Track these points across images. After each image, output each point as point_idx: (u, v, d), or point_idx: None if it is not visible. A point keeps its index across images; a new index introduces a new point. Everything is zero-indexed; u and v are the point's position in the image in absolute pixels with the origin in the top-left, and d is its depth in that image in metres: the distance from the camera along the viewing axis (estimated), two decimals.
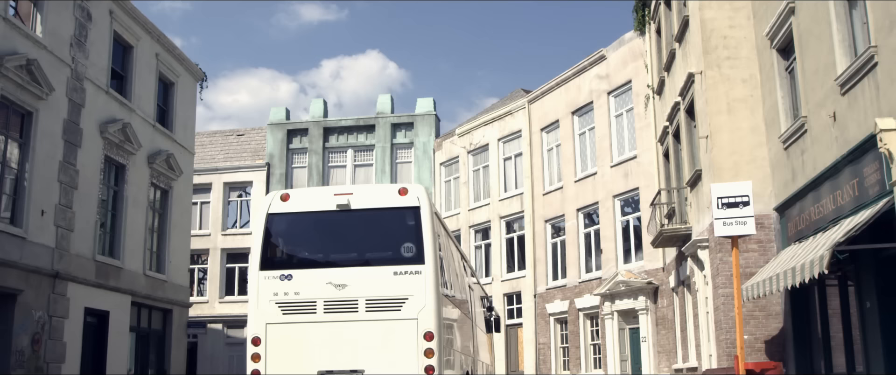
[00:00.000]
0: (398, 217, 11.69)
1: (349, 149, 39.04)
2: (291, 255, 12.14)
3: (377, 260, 11.69)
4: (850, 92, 12.37)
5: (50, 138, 19.38)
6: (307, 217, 11.92)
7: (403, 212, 11.66)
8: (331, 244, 12.06)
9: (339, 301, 11.42)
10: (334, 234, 12.01)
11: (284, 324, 11.39)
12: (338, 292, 11.42)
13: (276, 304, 11.47)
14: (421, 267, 11.41)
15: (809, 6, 13.92)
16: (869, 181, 11.59)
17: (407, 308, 11.30)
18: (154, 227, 24.97)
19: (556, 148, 31.63)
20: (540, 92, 32.50)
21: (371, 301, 11.39)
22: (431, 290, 11.38)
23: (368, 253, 11.91)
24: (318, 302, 11.45)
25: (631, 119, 27.54)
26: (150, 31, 24.74)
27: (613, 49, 28.53)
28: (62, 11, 20.20)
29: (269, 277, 11.55)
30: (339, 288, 11.44)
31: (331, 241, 12.05)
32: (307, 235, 12.13)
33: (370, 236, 11.96)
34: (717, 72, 17.29)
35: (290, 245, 12.19)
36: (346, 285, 11.45)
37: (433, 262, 11.50)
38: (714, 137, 16.94)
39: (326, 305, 11.42)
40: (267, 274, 11.60)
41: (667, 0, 22.02)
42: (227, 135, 41.82)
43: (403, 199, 11.70)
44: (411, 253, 11.52)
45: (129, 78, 23.73)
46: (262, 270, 11.65)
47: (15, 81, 17.99)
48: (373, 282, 11.44)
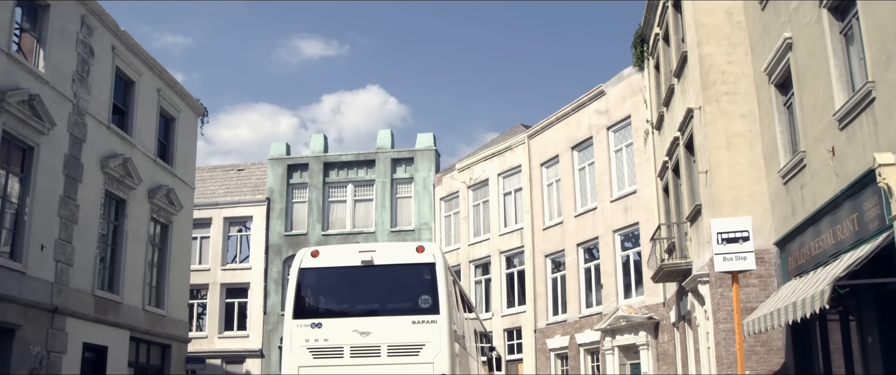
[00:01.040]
0: (416, 272, 13.05)
1: (349, 183, 39.08)
2: (321, 305, 13.46)
3: (397, 311, 12.97)
4: (848, 127, 12.42)
5: (51, 173, 19.42)
6: (335, 271, 13.27)
7: (421, 268, 13.02)
8: (356, 296, 13.39)
9: (364, 346, 12.66)
10: (359, 287, 13.39)
11: (315, 367, 12.63)
12: (362, 339, 12.69)
13: (307, 349, 12.71)
14: (436, 316, 12.71)
15: (807, 42, 14.02)
16: (868, 215, 11.60)
17: (424, 353, 12.55)
18: (154, 262, 24.93)
19: (555, 183, 31.67)
20: (539, 127, 32.62)
21: (392, 347, 12.64)
22: (446, 337, 12.67)
23: (390, 304, 13.22)
24: (344, 348, 12.70)
25: (630, 154, 27.61)
26: (152, 66, 24.90)
27: (612, 84, 28.67)
28: (65, 47, 20.34)
29: (302, 325, 12.84)
30: (364, 336, 12.71)
31: (356, 293, 13.39)
32: (335, 288, 13.46)
33: (391, 289, 13.33)
34: (715, 107, 17.37)
35: (320, 296, 13.52)
36: (369, 332, 12.71)
37: (447, 312, 12.77)
38: (713, 172, 16.97)
39: (352, 350, 12.67)
40: (299, 322, 12.88)
41: (665, 36, 22.18)
42: (228, 169, 41.88)
43: (420, 256, 13.07)
44: (428, 304, 12.83)
45: (131, 113, 23.84)
46: (294, 319, 12.92)
47: (17, 116, 18.07)
48: (394, 330, 12.70)
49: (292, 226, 38.83)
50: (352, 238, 37.74)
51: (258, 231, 38.61)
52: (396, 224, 38.10)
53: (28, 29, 19.46)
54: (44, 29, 19.69)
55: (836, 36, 13.05)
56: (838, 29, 13.04)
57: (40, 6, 19.74)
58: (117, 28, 22.72)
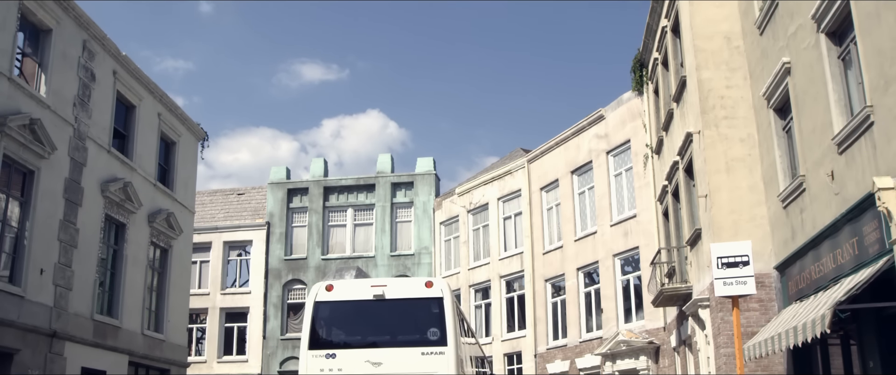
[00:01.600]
0: (425, 306, 13.71)
1: (349, 208, 39.09)
2: (335, 337, 14.05)
3: (407, 342, 13.62)
4: (847, 151, 12.45)
5: (51, 197, 19.43)
6: (348, 304, 13.94)
7: (429, 302, 13.69)
8: (368, 328, 14.01)
9: None
10: (371, 320, 13.99)
11: None
12: (374, 369, 13.29)
13: None
14: (444, 348, 13.40)
15: (805, 67, 14.08)
16: (868, 239, 11.60)
17: None
18: (153, 286, 24.88)
19: (555, 207, 31.68)
20: (539, 151, 32.68)
21: None
22: (453, 367, 13.32)
23: (400, 336, 13.83)
24: None
25: (630, 178, 27.64)
26: (153, 90, 24.98)
27: (612, 109, 28.77)
28: (66, 71, 20.43)
29: (317, 355, 13.50)
30: (376, 366, 13.30)
31: (368, 326, 14.02)
32: (348, 320, 14.06)
33: (401, 321, 13.98)
34: (715, 131, 17.41)
35: (334, 328, 14.10)
36: (381, 363, 13.33)
37: (454, 344, 13.44)
38: (713, 196, 16.99)
39: None
40: (314, 352, 13.55)
41: (664, 61, 22.27)
42: (228, 193, 41.91)
43: (429, 291, 13.74)
44: (436, 336, 13.49)
45: (131, 137, 23.89)
46: (310, 349, 13.59)
47: (18, 141, 18.11)
48: (404, 361, 13.34)
49: (292, 251, 38.80)
50: (351, 262, 37.68)
51: (258, 255, 38.57)
52: (396, 248, 38.08)
53: (30, 54, 19.56)
54: (46, 53, 19.78)
55: (834, 60, 13.12)
56: (836, 53, 13.11)
57: (43, 31, 19.85)
58: (119, 53, 22.82)
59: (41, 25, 19.72)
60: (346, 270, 37.46)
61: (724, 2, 18.29)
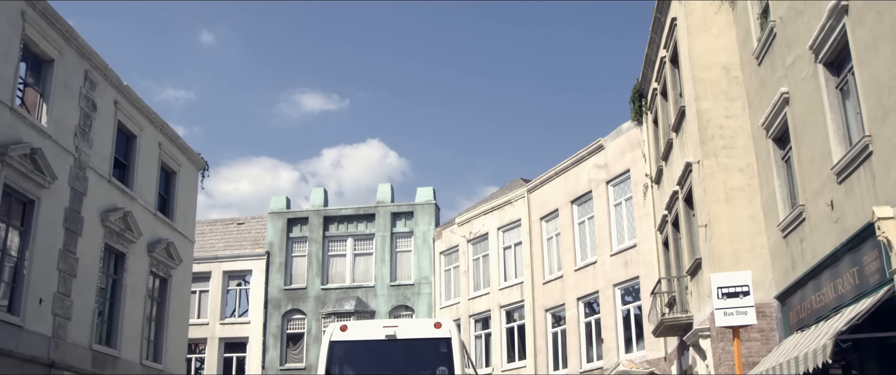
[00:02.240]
0: (434, 345, 14.37)
1: (349, 237, 39.05)
2: None
3: None
4: (846, 180, 12.48)
5: (51, 226, 19.43)
6: (361, 344, 14.56)
7: (438, 342, 14.35)
8: (380, 366, 14.52)
9: None
10: (383, 358, 14.54)
11: None
12: None
13: None
14: None
15: (803, 97, 14.15)
16: (869, 269, 11.59)
17: None
18: (152, 316, 24.80)
19: (555, 237, 31.65)
20: (539, 181, 32.71)
21: None
22: None
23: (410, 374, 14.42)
24: None
25: (630, 208, 27.65)
26: (154, 120, 25.06)
27: (611, 139, 28.84)
28: (68, 101, 20.51)
29: None
30: None
31: (380, 364, 14.53)
32: (361, 359, 14.65)
33: (412, 360, 14.56)
34: (714, 161, 17.45)
35: (348, 366, 14.66)
36: None
37: None
38: (713, 226, 16.99)
39: None
40: None
41: (663, 91, 22.37)
42: (228, 223, 41.88)
43: (438, 332, 14.39)
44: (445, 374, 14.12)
45: (132, 166, 23.93)
46: None
47: (18, 170, 18.14)
48: None
49: (292, 280, 38.71)
50: (351, 292, 37.59)
51: (257, 285, 38.47)
52: (396, 278, 38.00)
53: (32, 83, 19.65)
54: (47, 83, 19.88)
55: (833, 90, 13.18)
56: (834, 84, 13.18)
57: (45, 61, 19.97)
58: (120, 83, 22.93)
59: (43, 56, 19.84)
60: (345, 300, 37.39)
61: (722, 33, 18.41)
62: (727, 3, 18.52)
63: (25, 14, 18.84)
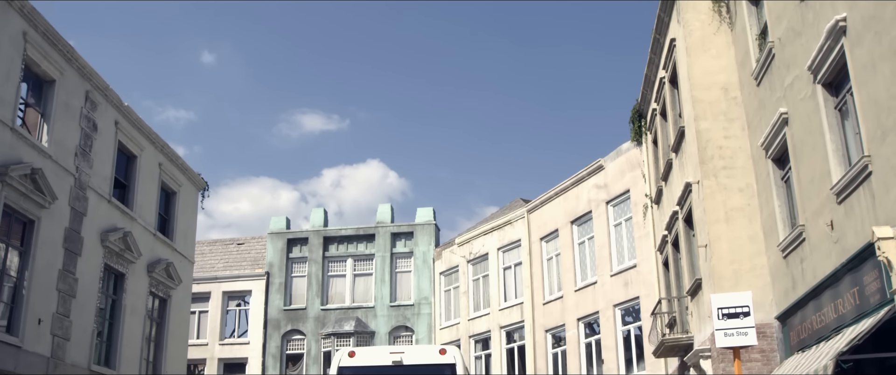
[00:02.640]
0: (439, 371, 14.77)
1: (349, 258, 39.01)
2: None
3: None
4: (846, 200, 12.49)
5: (50, 247, 19.42)
6: (369, 370, 14.90)
7: (443, 367, 14.77)
8: None
9: None
10: None
11: None
12: None
13: None
14: None
15: (802, 117, 14.19)
16: (869, 289, 11.57)
17: None
18: (151, 336, 24.73)
19: (555, 257, 31.62)
20: (539, 201, 32.71)
21: None
22: None
23: None
24: None
25: (630, 228, 27.64)
26: (154, 141, 25.10)
27: (611, 159, 28.87)
28: (69, 122, 20.56)
29: None
30: None
31: None
32: None
33: None
34: (714, 181, 17.47)
35: None
36: None
37: None
38: (713, 246, 16.98)
39: None
40: None
41: (662, 111, 22.42)
42: (227, 243, 41.85)
43: (443, 358, 14.83)
44: None
45: (132, 187, 23.95)
46: None
47: (19, 190, 18.16)
48: None
49: (291, 301, 38.64)
50: (351, 312, 37.51)
51: (257, 305, 38.39)
52: (396, 298, 37.93)
53: (33, 104, 19.71)
54: (48, 104, 19.93)
55: (831, 111, 13.22)
56: (833, 104, 13.22)
57: (46, 82, 20.03)
58: (121, 103, 22.99)
59: (45, 76, 19.91)
60: (345, 321, 37.30)
61: (721, 53, 18.48)
62: (726, 24, 18.60)
63: (27, 35, 18.92)
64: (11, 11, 18.39)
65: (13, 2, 18.33)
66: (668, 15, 20.26)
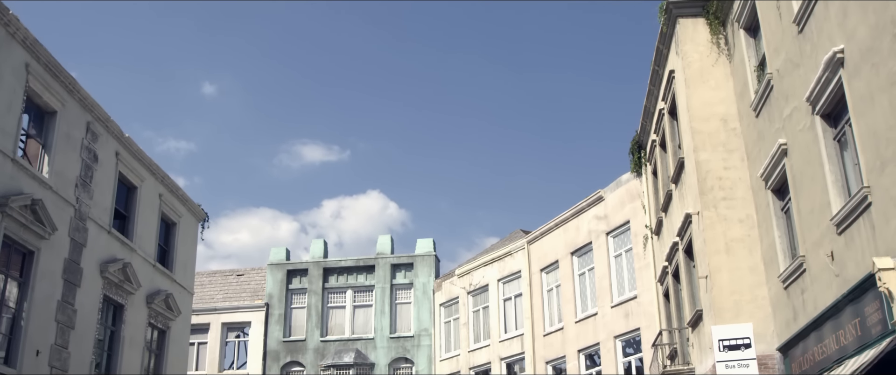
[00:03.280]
0: None
1: (349, 289, 38.91)
2: None
3: None
4: (846, 231, 12.49)
5: (50, 278, 19.38)
6: None
7: None
8: None
9: None
10: None
11: None
12: None
13: None
14: None
15: (801, 148, 14.22)
16: (871, 320, 11.54)
17: None
18: (150, 368, 24.59)
19: (555, 288, 31.54)
20: (539, 232, 32.69)
21: None
22: None
23: None
24: None
25: (630, 259, 27.60)
26: (155, 171, 25.14)
27: (611, 190, 28.89)
28: (69, 152, 20.60)
29: None
30: None
31: None
32: None
33: None
34: (714, 212, 17.47)
35: None
36: None
37: None
38: (713, 277, 16.95)
39: None
40: None
41: (662, 143, 22.47)
42: (227, 274, 41.76)
43: None
44: None
45: (132, 218, 23.94)
46: None
47: (18, 221, 18.15)
48: None
49: (291, 332, 38.47)
50: (350, 344, 37.32)
51: (256, 337, 38.21)
52: (396, 330, 37.78)
53: (34, 135, 19.76)
54: (50, 135, 19.99)
55: (830, 142, 13.26)
56: (832, 135, 13.26)
57: (47, 113, 20.10)
58: (122, 134, 23.05)
59: (46, 107, 19.98)
60: (345, 352, 37.12)
61: (720, 85, 18.56)
62: (724, 55, 18.71)
63: (29, 66, 19.02)
64: (14, 43, 18.50)
65: (16, 33, 18.45)
66: (666, 47, 20.38)
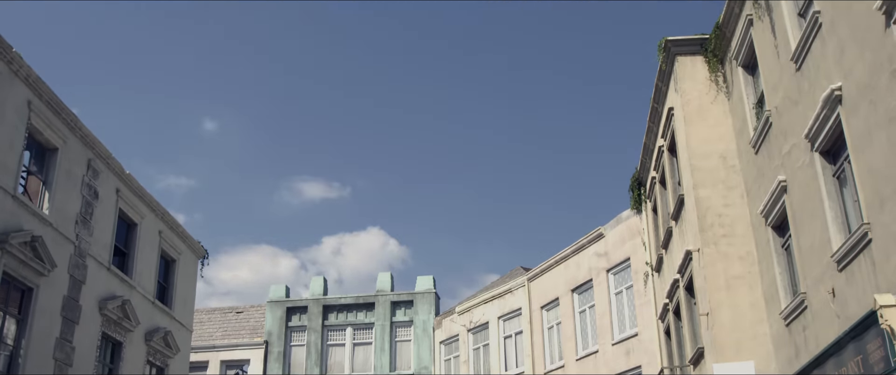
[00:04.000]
0: None
1: (348, 327, 38.72)
2: None
3: None
4: (847, 268, 12.47)
5: (48, 315, 19.30)
6: None
7: None
8: None
9: None
10: None
11: None
12: None
13: None
14: None
15: (801, 185, 14.25)
16: (873, 357, 11.47)
17: None
18: None
19: (556, 326, 31.39)
20: (539, 269, 32.61)
21: None
22: None
23: None
24: None
25: (631, 296, 27.50)
26: (155, 208, 25.15)
27: (611, 227, 28.87)
28: (70, 189, 20.63)
29: None
30: None
31: None
32: None
33: None
34: (714, 249, 17.45)
35: None
36: None
37: None
38: (714, 314, 16.88)
39: None
40: None
41: (661, 180, 22.51)
42: (226, 312, 41.58)
43: None
44: None
45: (132, 254, 23.91)
46: None
47: (18, 258, 18.12)
48: None
49: (290, 370, 38.22)
50: None
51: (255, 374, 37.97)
52: (396, 368, 37.53)
53: (35, 172, 19.80)
54: (50, 172, 20.03)
55: (830, 179, 13.29)
56: (831, 172, 13.29)
57: (49, 150, 20.16)
58: (122, 171, 23.10)
59: (48, 144, 20.05)
60: None
61: (719, 122, 18.64)
62: (723, 93, 18.81)
63: (32, 104, 19.11)
64: (17, 80, 18.61)
65: (19, 71, 18.56)
66: (665, 84, 20.49)
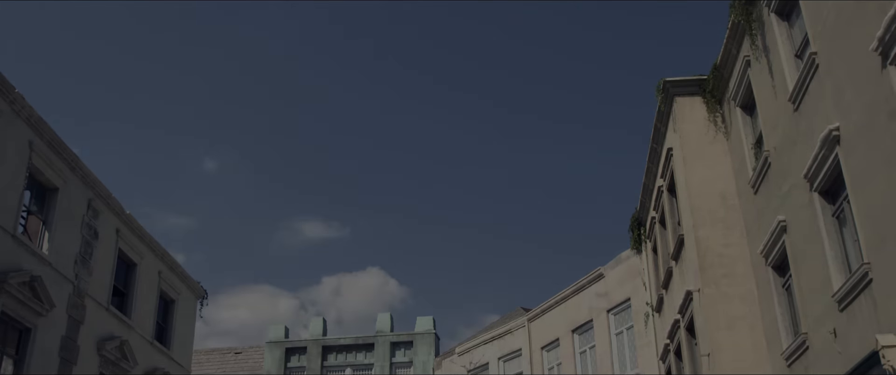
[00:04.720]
0: None
1: (347, 367, 38.47)
2: None
3: None
4: (848, 308, 12.43)
5: (46, 355, 19.19)
6: None
7: None
8: None
9: None
10: None
11: None
12: None
13: None
14: None
15: (801, 225, 14.25)
16: None
17: None
18: None
19: (556, 366, 31.18)
20: (539, 310, 32.47)
21: None
22: None
23: None
24: None
25: (631, 336, 27.36)
26: (154, 248, 25.11)
27: (611, 267, 28.80)
28: (70, 229, 20.62)
29: None
30: None
31: None
32: None
33: None
34: (714, 289, 17.40)
35: None
36: None
37: None
38: (715, 355, 16.79)
39: None
40: None
41: (661, 220, 22.51)
42: (225, 353, 41.33)
43: None
44: None
45: (131, 294, 23.83)
46: None
47: (16, 298, 18.06)
48: None
49: None
50: None
51: None
52: None
53: (35, 211, 19.81)
54: (50, 211, 20.03)
55: (829, 218, 13.29)
56: (830, 212, 13.30)
57: (49, 190, 20.18)
58: (122, 211, 23.10)
59: (48, 184, 20.08)
60: None
61: (718, 162, 18.68)
62: (721, 133, 18.88)
63: (33, 144, 19.18)
64: (19, 120, 18.69)
65: (21, 111, 18.65)
66: (664, 125, 20.58)
